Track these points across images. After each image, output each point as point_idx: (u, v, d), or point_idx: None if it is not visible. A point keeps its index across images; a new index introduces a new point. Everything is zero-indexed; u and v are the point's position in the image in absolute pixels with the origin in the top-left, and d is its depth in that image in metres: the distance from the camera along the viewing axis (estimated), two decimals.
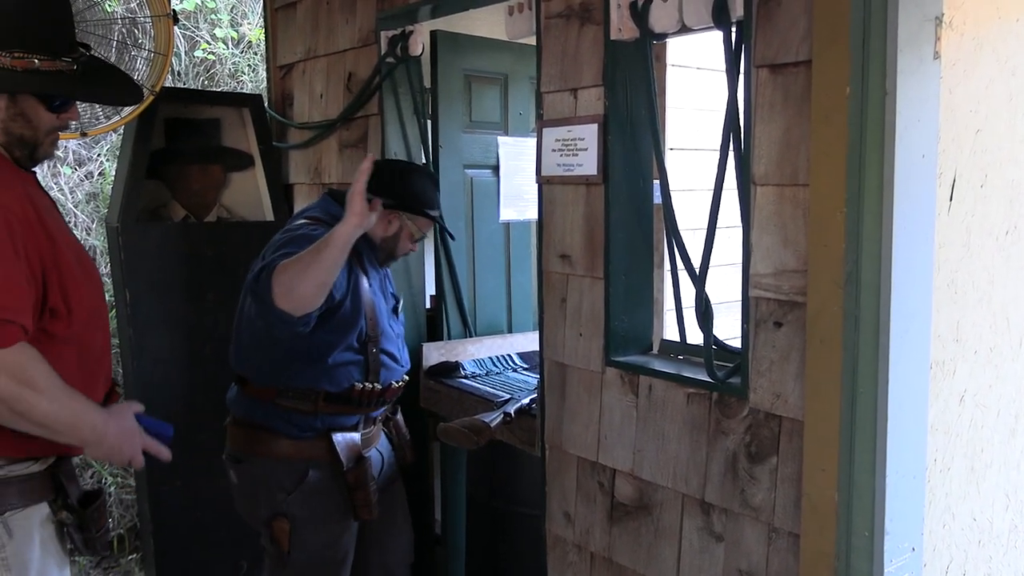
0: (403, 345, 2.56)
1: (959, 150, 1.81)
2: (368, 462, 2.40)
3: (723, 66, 1.93)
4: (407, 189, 2.43)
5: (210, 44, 4.98)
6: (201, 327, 3.38)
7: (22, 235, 1.70)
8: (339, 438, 2.36)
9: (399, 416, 2.67)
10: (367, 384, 2.38)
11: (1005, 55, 1.90)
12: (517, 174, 3.34)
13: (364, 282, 2.35)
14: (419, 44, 2.98)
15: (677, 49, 2.88)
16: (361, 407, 2.41)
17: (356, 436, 2.40)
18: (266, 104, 3.66)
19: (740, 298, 1.94)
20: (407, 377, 2.55)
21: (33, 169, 1.91)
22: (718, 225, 2.00)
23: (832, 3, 1.66)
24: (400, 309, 2.61)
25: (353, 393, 2.36)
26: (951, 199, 1.80)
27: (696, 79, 3.01)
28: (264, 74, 4.94)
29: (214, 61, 4.97)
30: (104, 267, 4.54)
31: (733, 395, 1.95)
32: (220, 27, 5.05)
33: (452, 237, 2.83)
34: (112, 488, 4.18)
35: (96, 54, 2.09)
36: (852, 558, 1.73)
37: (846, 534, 1.73)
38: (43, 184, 2.05)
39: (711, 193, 1.99)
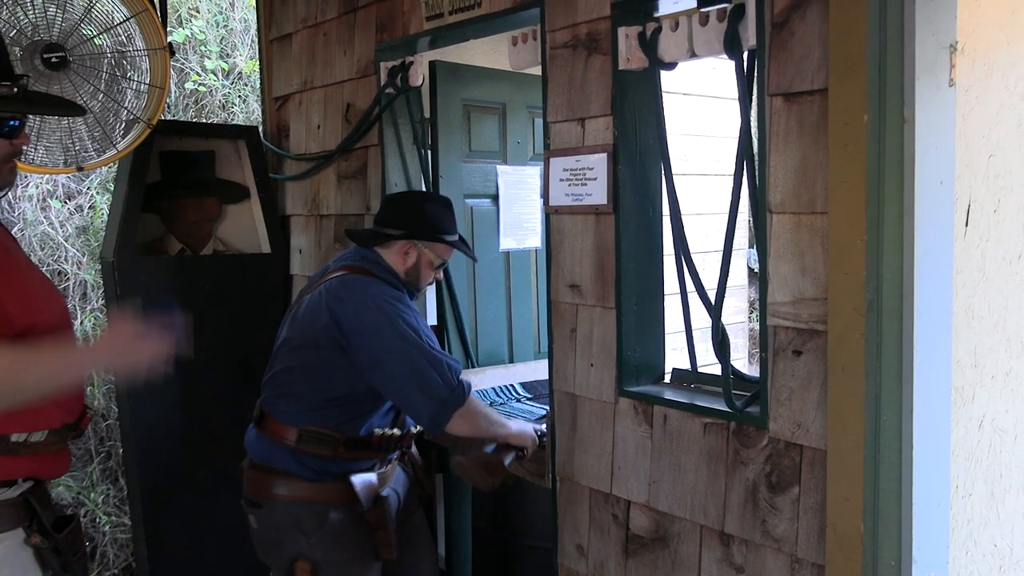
0: None
1: (973, 176, 1.81)
2: (387, 501, 2.37)
3: (735, 94, 1.94)
4: (418, 217, 2.41)
5: (200, 76, 4.96)
6: (198, 362, 3.31)
7: None
8: (357, 479, 2.33)
9: (414, 448, 2.64)
10: (387, 430, 2.38)
11: (1014, 80, 1.91)
12: (516, 203, 3.34)
13: None
14: (419, 75, 2.97)
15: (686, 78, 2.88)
16: (379, 452, 2.40)
17: (373, 477, 2.38)
18: (261, 135, 3.64)
19: (741, 321, 1.93)
20: (419, 427, 2.51)
21: None
22: (731, 250, 2.00)
23: (848, 32, 1.67)
24: None
25: (373, 439, 2.36)
26: (967, 224, 1.81)
27: (704, 106, 3.03)
28: (255, 105, 4.94)
29: (204, 93, 4.95)
30: (96, 301, 4.49)
31: (752, 425, 1.93)
32: (210, 58, 5.04)
33: (475, 260, 2.79)
34: (107, 527, 4.10)
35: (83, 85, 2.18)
36: None
37: (872, 564, 1.71)
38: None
39: (716, 218, 1.99)
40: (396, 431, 2.41)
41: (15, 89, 1.85)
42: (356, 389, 2.30)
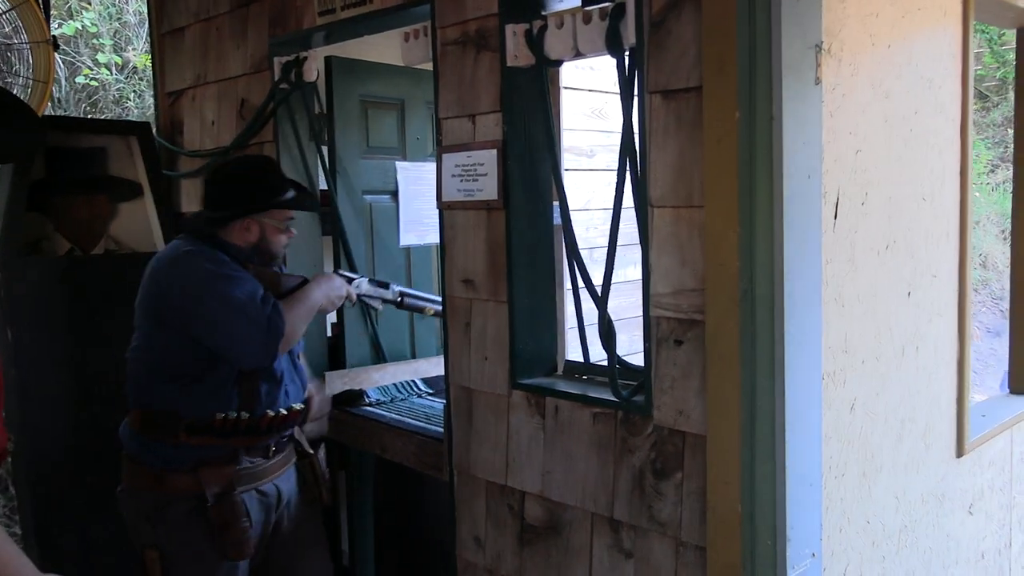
0: (291, 371, 2.46)
1: (841, 170, 1.90)
2: (236, 498, 2.31)
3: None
4: (244, 190, 2.34)
5: (92, 70, 4.80)
6: (88, 364, 3.24)
7: None
8: (206, 472, 2.29)
9: (321, 454, 2.60)
10: (231, 414, 2.30)
11: (879, 79, 2.01)
12: (416, 199, 3.33)
13: None
14: (314, 70, 2.95)
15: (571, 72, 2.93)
16: (230, 438, 2.31)
17: (230, 469, 2.32)
18: (154, 131, 3.56)
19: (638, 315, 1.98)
20: (297, 406, 2.43)
21: None
22: (618, 244, 2.04)
23: (719, 32, 1.73)
24: None
25: (215, 423, 2.29)
26: (836, 217, 1.89)
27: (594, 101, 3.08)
28: (151, 101, 4.81)
29: (97, 87, 4.80)
30: None
31: (637, 413, 1.98)
32: (103, 52, 4.89)
33: (317, 211, 2.78)
34: None
35: None
36: (757, 567, 1.78)
37: (751, 544, 1.78)
38: None
39: (607, 213, 2.04)
40: (243, 415, 2.31)
41: None
42: (184, 359, 2.27)
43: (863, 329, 2.02)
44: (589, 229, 3.11)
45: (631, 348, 2.50)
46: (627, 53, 1.95)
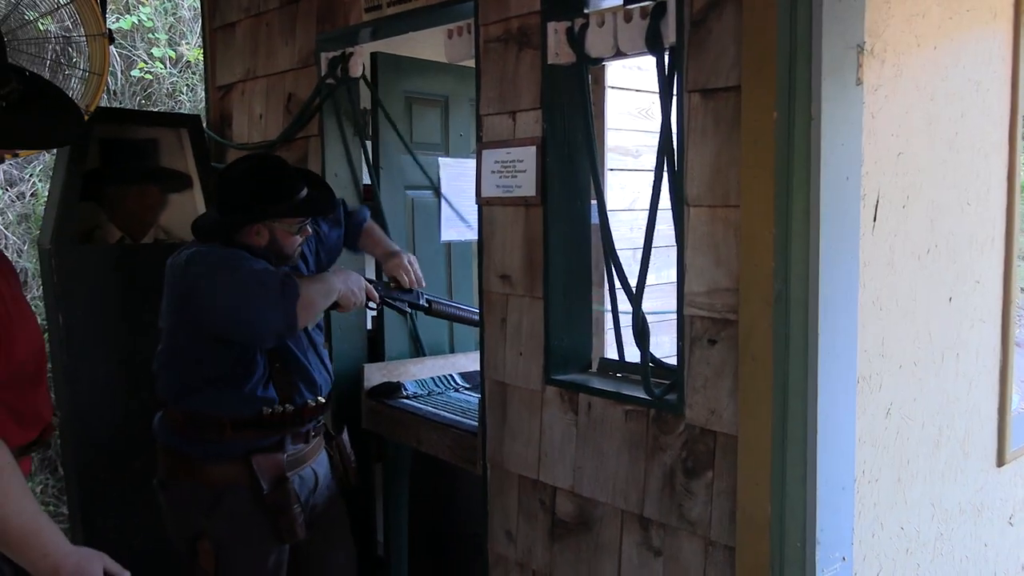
0: (317, 360, 2.50)
1: (882, 172, 1.88)
2: (290, 484, 2.36)
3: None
4: (252, 197, 2.31)
5: (147, 63, 4.92)
6: (138, 352, 3.31)
7: None
8: (259, 460, 2.33)
9: (345, 436, 2.65)
10: (277, 408, 2.35)
11: (924, 81, 1.98)
12: (458, 195, 3.37)
13: None
14: (359, 66, 2.99)
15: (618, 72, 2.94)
16: (275, 430, 2.37)
17: (280, 456, 2.37)
18: (204, 124, 3.63)
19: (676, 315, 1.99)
20: (320, 399, 2.46)
21: None
22: (654, 245, 2.05)
23: (760, 31, 1.72)
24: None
25: (263, 418, 2.34)
26: (875, 219, 1.87)
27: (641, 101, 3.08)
28: (203, 94, 4.91)
29: (152, 80, 4.91)
30: (36, 290, 4.45)
31: (669, 412, 1.99)
32: (158, 46, 5.00)
33: (328, 214, 2.61)
34: None
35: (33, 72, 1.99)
36: (786, 569, 1.77)
37: (779, 546, 1.78)
38: None
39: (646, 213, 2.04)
40: (288, 407, 2.36)
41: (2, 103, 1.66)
42: (218, 364, 2.29)
43: (901, 333, 1.99)
44: (633, 229, 3.10)
45: (671, 350, 2.50)
46: (667, 52, 1.95)
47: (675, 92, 1.96)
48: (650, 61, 2.01)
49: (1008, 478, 2.42)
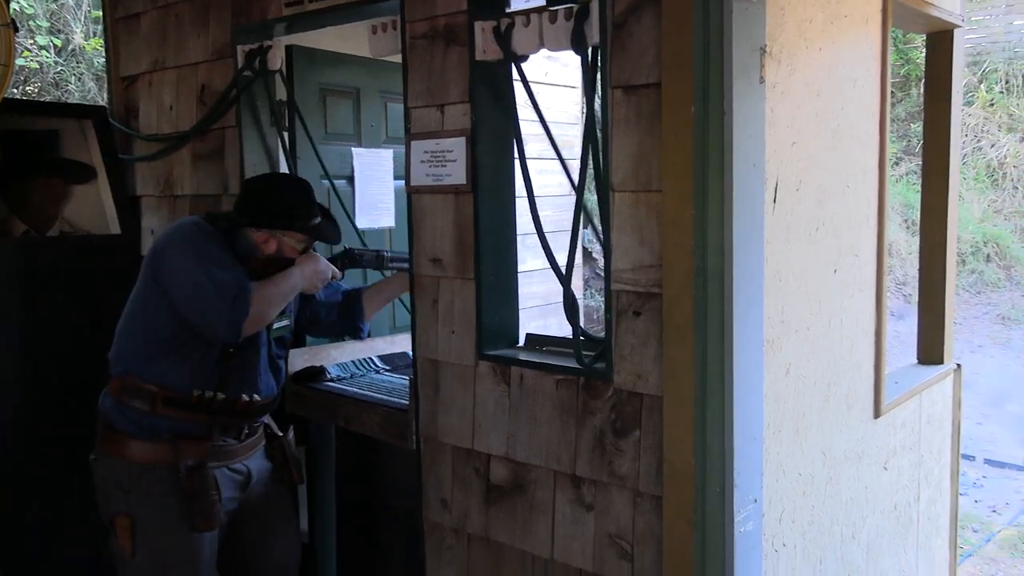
0: (268, 364, 2.63)
1: (779, 160, 2.13)
2: (208, 471, 2.45)
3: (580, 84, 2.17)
4: (272, 207, 2.52)
5: (31, 52, 4.77)
6: (44, 346, 3.28)
7: None
8: (183, 444, 2.43)
9: (290, 436, 2.74)
10: (208, 393, 2.44)
11: (811, 79, 2.25)
12: (371, 183, 3.48)
13: None
14: (278, 59, 3.06)
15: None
16: (204, 415, 2.46)
17: (204, 445, 2.47)
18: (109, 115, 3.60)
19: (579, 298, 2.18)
20: (256, 397, 2.57)
21: None
22: (579, 224, 2.24)
23: (677, 35, 1.93)
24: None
25: (192, 399, 2.43)
26: (775, 201, 2.13)
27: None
28: (92, 84, 4.81)
29: (36, 70, 4.77)
30: None
31: (599, 378, 2.19)
32: (40, 34, 4.85)
33: (336, 243, 2.80)
34: None
35: None
36: (707, 512, 2.00)
37: (702, 491, 2.00)
38: None
39: (561, 199, 2.23)
40: (219, 396, 2.46)
41: None
42: (169, 328, 2.41)
43: (797, 302, 2.26)
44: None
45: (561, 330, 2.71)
46: (591, 50, 2.14)
47: (598, 87, 2.15)
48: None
49: (883, 428, 2.75)
